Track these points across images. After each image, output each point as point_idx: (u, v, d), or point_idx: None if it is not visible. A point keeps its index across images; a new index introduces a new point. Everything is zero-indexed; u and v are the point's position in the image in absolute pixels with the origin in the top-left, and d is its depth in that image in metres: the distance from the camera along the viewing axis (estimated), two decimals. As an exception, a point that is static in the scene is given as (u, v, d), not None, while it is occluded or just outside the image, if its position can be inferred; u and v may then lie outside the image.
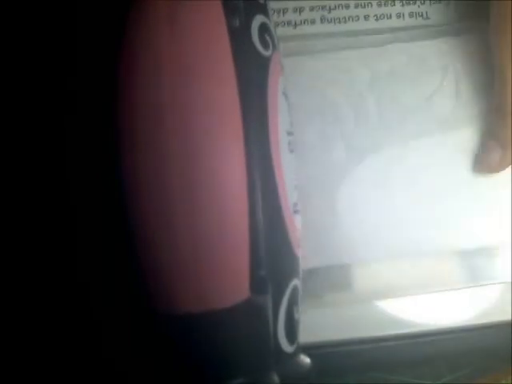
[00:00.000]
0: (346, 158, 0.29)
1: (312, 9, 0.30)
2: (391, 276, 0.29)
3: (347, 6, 0.31)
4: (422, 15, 0.30)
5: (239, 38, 0.21)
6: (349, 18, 0.31)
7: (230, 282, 0.21)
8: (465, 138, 0.29)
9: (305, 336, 0.24)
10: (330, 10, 0.31)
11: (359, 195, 0.29)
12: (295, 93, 0.25)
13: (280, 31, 0.28)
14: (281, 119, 0.22)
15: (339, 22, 0.30)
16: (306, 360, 0.24)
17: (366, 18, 0.31)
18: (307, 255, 0.25)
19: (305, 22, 0.30)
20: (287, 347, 0.22)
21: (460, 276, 0.29)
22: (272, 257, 0.21)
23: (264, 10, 0.23)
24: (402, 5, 0.31)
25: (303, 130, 0.27)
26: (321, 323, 0.27)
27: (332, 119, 0.29)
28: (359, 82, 0.30)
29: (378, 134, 0.29)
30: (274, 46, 0.23)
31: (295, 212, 0.23)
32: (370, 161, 0.29)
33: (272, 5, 0.25)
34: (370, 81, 0.30)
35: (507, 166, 0.28)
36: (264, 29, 0.22)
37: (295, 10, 0.30)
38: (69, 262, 0.23)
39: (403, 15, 0.31)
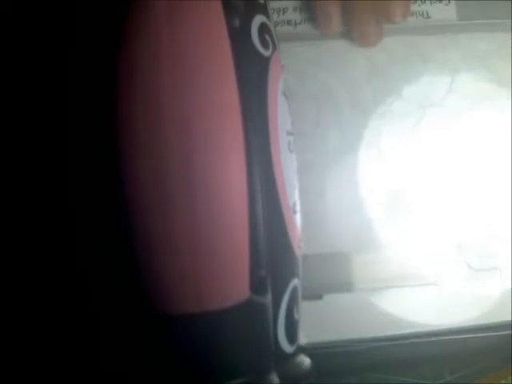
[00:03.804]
0: (340, 146, 0.29)
1: (312, 8, 0.30)
2: (385, 266, 0.29)
3: (348, 6, 0.30)
4: (422, 14, 0.30)
5: (239, 38, 0.21)
6: (349, 18, 0.30)
7: (229, 282, 0.21)
8: (460, 132, 0.30)
9: (305, 336, 0.24)
10: (330, 9, 0.30)
11: (353, 185, 0.29)
12: (291, 79, 0.25)
13: (280, 31, 0.28)
14: (281, 119, 0.22)
15: (339, 22, 0.30)
16: (306, 360, 0.24)
17: (367, 17, 0.31)
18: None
19: (305, 21, 0.30)
20: (287, 347, 0.22)
21: (458, 269, 0.29)
22: (272, 257, 0.21)
23: (264, 10, 0.23)
24: (403, 4, 0.31)
25: (298, 117, 0.27)
26: (321, 323, 0.27)
27: (328, 107, 0.29)
28: (357, 71, 0.30)
29: (373, 125, 0.29)
30: (274, 46, 0.23)
31: (295, 212, 0.23)
32: (364, 151, 0.29)
33: (272, 4, 0.25)
34: (367, 71, 0.30)
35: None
36: (264, 29, 0.22)
37: (295, 9, 0.30)
38: (68, 261, 0.23)
39: (403, 14, 0.31)
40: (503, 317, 0.28)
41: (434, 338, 0.28)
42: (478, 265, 0.29)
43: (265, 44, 0.22)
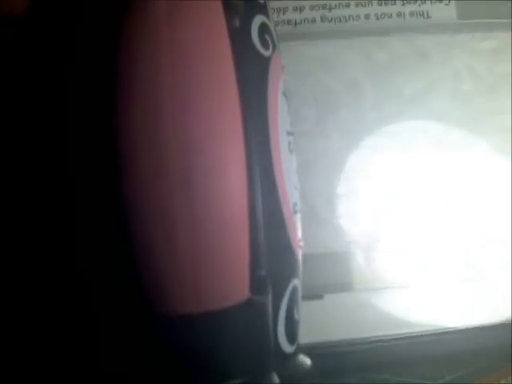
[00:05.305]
0: (341, 146, 0.29)
1: (312, 8, 0.30)
2: (385, 266, 0.29)
3: (348, 5, 0.31)
4: (422, 14, 0.30)
5: (239, 38, 0.21)
6: (349, 17, 0.31)
7: (229, 283, 0.21)
8: (460, 131, 0.30)
9: (305, 336, 0.24)
10: (330, 8, 0.31)
11: (353, 184, 0.29)
12: (291, 79, 0.25)
13: (280, 30, 0.28)
14: (281, 119, 0.22)
15: (340, 21, 0.30)
16: (306, 360, 0.24)
17: (367, 16, 0.31)
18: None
19: (305, 21, 0.30)
20: (287, 347, 0.22)
21: (459, 269, 0.29)
22: (272, 257, 0.21)
23: (264, 10, 0.23)
24: (403, 4, 0.31)
25: (298, 117, 0.27)
26: (321, 323, 0.28)
27: (328, 107, 0.29)
28: (357, 71, 0.30)
29: (374, 124, 0.29)
30: (274, 46, 0.23)
31: (295, 212, 0.23)
32: (365, 150, 0.29)
33: (272, 4, 0.25)
34: (367, 71, 0.30)
35: None
36: (264, 29, 0.22)
37: (295, 8, 0.30)
38: (67, 261, 0.23)
39: (404, 14, 0.31)
40: (503, 317, 0.28)
41: (433, 338, 0.28)
42: (478, 265, 0.29)
43: (265, 44, 0.22)
